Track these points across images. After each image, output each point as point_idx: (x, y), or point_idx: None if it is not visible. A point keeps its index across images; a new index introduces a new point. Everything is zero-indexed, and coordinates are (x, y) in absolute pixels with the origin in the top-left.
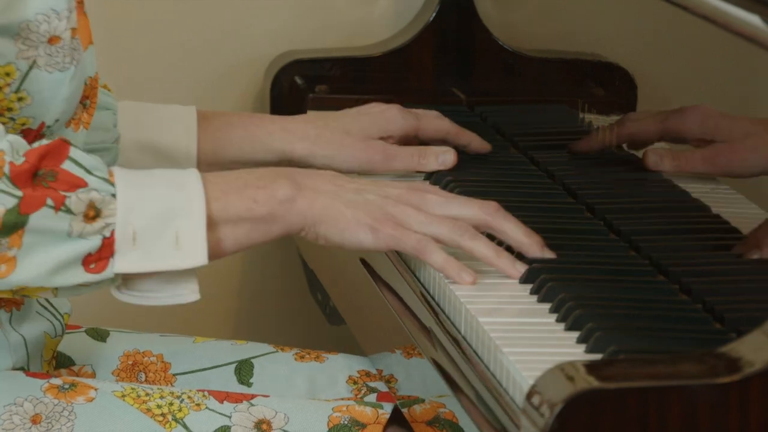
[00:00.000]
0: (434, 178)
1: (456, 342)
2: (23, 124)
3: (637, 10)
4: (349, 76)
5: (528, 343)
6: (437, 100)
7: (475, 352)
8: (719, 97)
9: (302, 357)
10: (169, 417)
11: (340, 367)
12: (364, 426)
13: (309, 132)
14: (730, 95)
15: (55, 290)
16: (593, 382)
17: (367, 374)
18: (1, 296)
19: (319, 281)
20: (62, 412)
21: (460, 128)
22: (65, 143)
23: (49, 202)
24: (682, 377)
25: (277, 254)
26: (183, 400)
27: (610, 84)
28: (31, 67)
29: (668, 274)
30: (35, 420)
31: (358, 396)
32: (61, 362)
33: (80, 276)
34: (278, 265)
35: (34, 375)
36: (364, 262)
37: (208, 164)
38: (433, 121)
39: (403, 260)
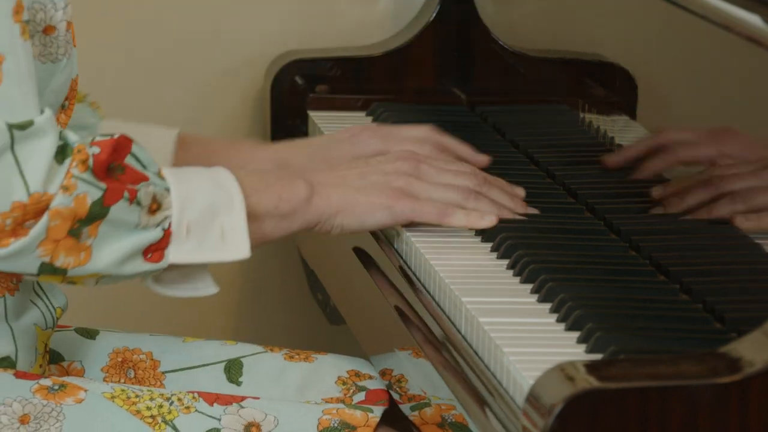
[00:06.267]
0: None
1: (456, 342)
2: None
3: (637, 10)
4: (349, 76)
5: (528, 343)
6: (437, 100)
7: (475, 352)
8: (719, 97)
9: (291, 357)
10: (159, 419)
11: (330, 367)
12: (354, 429)
13: (279, 164)
14: (730, 95)
15: (99, 278)
16: (593, 382)
17: (357, 374)
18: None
19: (319, 281)
20: (51, 412)
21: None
22: (128, 138)
23: (126, 194)
24: (683, 377)
25: (277, 254)
26: (173, 402)
27: (610, 84)
28: None
29: (668, 274)
30: (23, 420)
31: (347, 395)
32: (51, 358)
33: (140, 266)
34: (278, 265)
35: (24, 376)
36: (364, 261)
37: None
38: (404, 146)
39: (403, 260)
